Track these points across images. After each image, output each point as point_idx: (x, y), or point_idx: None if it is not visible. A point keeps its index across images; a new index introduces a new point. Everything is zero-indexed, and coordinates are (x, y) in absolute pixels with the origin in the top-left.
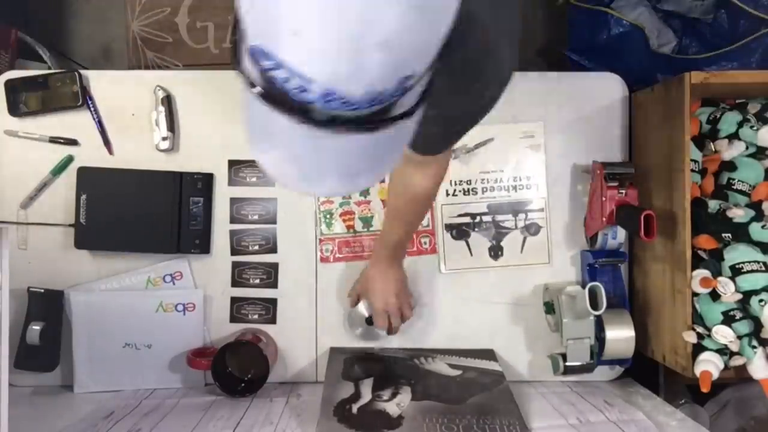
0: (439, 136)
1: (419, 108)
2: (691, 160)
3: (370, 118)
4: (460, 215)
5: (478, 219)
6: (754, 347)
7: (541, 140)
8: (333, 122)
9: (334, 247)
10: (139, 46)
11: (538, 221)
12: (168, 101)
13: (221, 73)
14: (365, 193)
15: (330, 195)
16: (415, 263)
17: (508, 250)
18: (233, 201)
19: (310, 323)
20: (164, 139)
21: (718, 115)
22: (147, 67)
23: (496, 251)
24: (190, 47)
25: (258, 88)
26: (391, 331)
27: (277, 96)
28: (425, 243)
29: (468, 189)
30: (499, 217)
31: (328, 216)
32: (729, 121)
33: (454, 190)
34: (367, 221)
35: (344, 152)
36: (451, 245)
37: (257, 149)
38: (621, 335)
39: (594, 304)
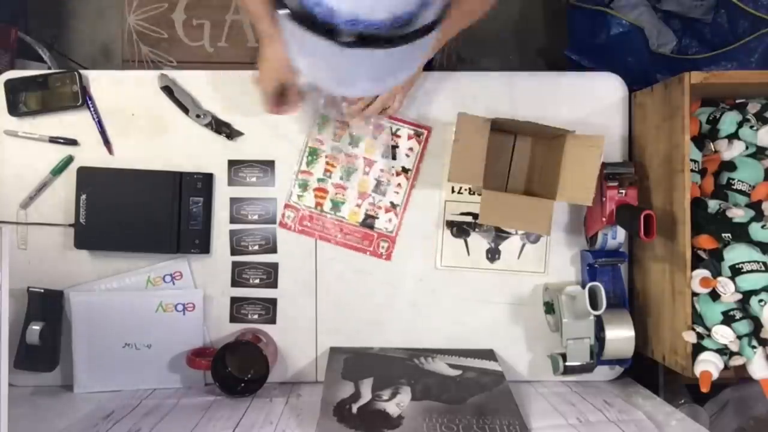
0: None
1: (440, 22)
2: (691, 160)
3: (393, 34)
4: (462, 213)
5: None
6: (753, 347)
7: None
8: (357, 43)
9: (297, 217)
10: (135, 40)
11: None
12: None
13: (221, 72)
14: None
15: (363, 95)
16: (408, 259)
17: (506, 255)
18: (233, 201)
19: (310, 323)
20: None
21: (718, 115)
22: (141, 62)
23: (493, 254)
24: (185, 44)
25: (286, 10)
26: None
27: (306, 17)
28: (383, 247)
29: (473, 189)
30: None
31: (303, 186)
32: (729, 121)
33: (460, 188)
34: (336, 205)
35: (374, 60)
36: (449, 242)
37: (295, 54)
38: (621, 335)
39: (594, 304)
